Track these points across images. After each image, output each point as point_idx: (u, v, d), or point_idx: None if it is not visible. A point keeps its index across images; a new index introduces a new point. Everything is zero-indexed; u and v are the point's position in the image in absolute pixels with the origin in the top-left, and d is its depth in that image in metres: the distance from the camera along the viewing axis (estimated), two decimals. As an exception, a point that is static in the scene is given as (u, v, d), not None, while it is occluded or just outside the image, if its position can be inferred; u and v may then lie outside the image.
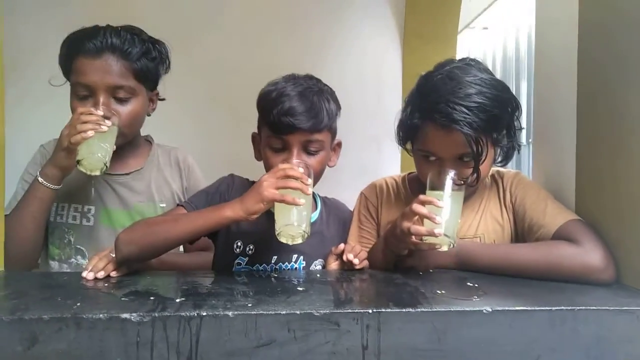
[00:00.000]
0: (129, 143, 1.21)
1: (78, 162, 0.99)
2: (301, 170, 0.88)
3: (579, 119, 1.00)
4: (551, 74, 1.13)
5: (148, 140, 1.29)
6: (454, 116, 0.92)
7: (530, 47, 3.23)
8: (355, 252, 0.97)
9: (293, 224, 0.85)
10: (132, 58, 1.10)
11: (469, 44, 3.81)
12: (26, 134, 1.13)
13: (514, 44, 3.40)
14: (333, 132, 1.06)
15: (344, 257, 0.95)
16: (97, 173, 1.01)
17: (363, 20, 3.02)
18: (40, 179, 1.05)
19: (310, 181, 0.88)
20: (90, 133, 0.98)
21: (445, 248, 0.91)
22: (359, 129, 2.64)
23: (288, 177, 0.86)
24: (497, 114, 0.96)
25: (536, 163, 1.19)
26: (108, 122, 1.02)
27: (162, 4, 2.73)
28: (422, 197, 0.91)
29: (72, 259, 1.16)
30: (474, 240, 1.05)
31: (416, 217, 0.89)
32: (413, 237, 0.89)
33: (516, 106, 1.02)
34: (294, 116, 0.94)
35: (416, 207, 0.89)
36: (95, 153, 0.99)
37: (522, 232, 1.03)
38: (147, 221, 0.97)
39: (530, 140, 1.20)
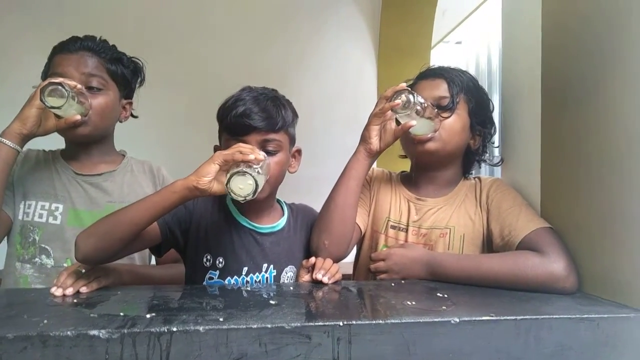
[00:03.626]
0: (100, 146, 1.23)
1: (42, 93, 1.00)
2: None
3: (543, 135, 1.04)
4: (517, 91, 1.18)
5: (122, 154, 1.30)
6: (441, 68, 1.18)
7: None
8: (326, 268, 0.97)
9: (242, 169, 0.85)
10: (105, 57, 1.18)
11: (443, 58, 3.89)
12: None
13: (487, 58, 3.49)
14: (290, 136, 1.09)
15: (313, 276, 0.96)
16: (55, 105, 1.01)
17: (340, 34, 3.08)
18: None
19: (263, 156, 0.89)
20: (60, 79, 1.02)
21: (412, 122, 1.02)
22: (336, 138, 2.68)
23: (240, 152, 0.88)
24: (476, 86, 1.17)
25: (504, 176, 1.23)
26: (79, 85, 1.06)
27: (142, 15, 2.73)
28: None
29: (36, 259, 1.14)
30: (443, 232, 1.10)
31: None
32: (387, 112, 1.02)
33: (491, 103, 1.20)
34: (249, 117, 0.99)
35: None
36: (57, 91, 1.00)
37: (492, 233, 1.07)
38: (104, 216, 0.94)
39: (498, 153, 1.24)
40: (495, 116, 1.23)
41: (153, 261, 1.32)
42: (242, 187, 0.85)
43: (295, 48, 3.00)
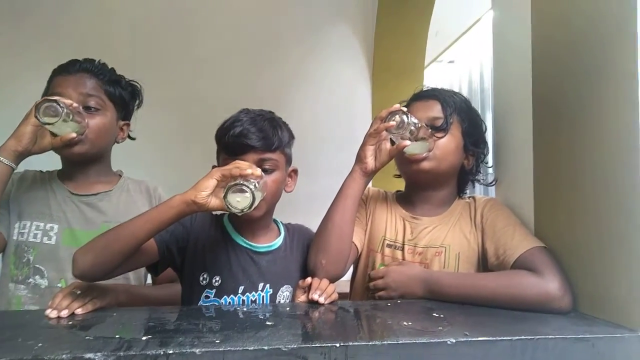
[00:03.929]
0: (97, 166, 1.23)
1: (37, 110, 1.01)
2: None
3: (536, 154, 1.05)
4: (508, 109, 1.20)
5: (119, 174, 1.31)
6: (434, 90, 1.20)
7: (494, 80, 3.39)
8: (322, 288, 0.98)
9: (239, 182, 0.86)
10: (103, 79, 1.20)
11: (436, 77, 3.95)
12: None
13: (479, 76, 3.54)
14: (287, 156, 1.11)
15: (309, 297, 0.96)
16: (49, 122, 1.02)
17: (334, 55, 3.12)
18: None
19: (260, 172, 0.90)
20: (56, 97, 1.04)
21: (407, 143, 1.03)
22: (330, 158, 2.70)
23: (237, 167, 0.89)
24: (468, 107, 1.19)
25: (498, 196, 1.24)
26: (75, 104, 1.08)
27: (134, 36, 2.76)
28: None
29: (30, 279, 1.13)
30: (439, 250, 1.11)
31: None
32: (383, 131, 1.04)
33: (483, 124, 1.22)
34: (246, 136, 1.02)
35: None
36: (52, 108, 1.02)
37: (487, 252, 1.07)
38: (103, 232, 0.94)
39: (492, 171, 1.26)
40: (489, 137, 1.24)
41: (149, 281, 1.32)
42: (240, 200, 0.86)
43: (289, 68, 3.03)
